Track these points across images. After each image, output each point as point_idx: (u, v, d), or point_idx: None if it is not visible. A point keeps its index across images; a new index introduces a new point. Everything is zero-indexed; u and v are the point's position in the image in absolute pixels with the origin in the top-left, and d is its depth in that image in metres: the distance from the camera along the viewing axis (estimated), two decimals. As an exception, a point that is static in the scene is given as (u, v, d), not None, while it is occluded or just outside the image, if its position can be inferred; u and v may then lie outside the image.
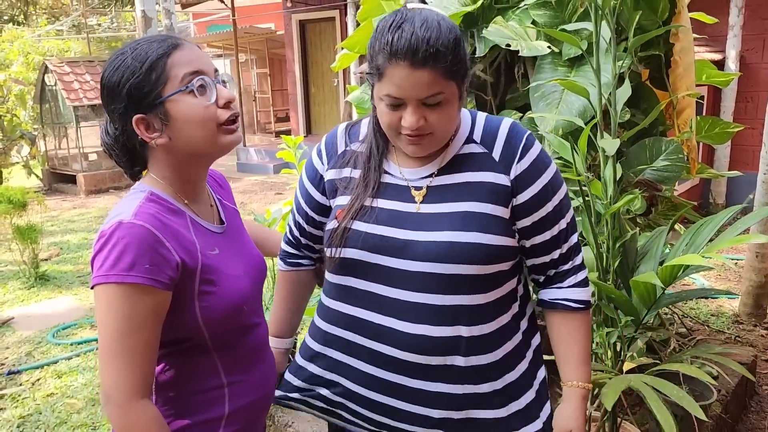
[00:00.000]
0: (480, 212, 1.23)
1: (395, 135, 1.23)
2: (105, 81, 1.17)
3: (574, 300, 1.33)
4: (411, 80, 1.14)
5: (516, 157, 1.26)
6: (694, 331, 3.57)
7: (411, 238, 1.24)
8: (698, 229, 1.89)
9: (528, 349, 1.36)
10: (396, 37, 1.13)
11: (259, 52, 14.09)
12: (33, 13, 14.55)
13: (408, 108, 1.17)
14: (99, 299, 1.09)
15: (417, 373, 1.26)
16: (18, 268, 5.64)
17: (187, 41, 1.21)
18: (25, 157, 11.87)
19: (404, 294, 1.24)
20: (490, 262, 1.24)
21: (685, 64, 2.36)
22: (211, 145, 1.19)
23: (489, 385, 1.28)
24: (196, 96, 1.16)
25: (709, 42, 6.34)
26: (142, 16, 4.84)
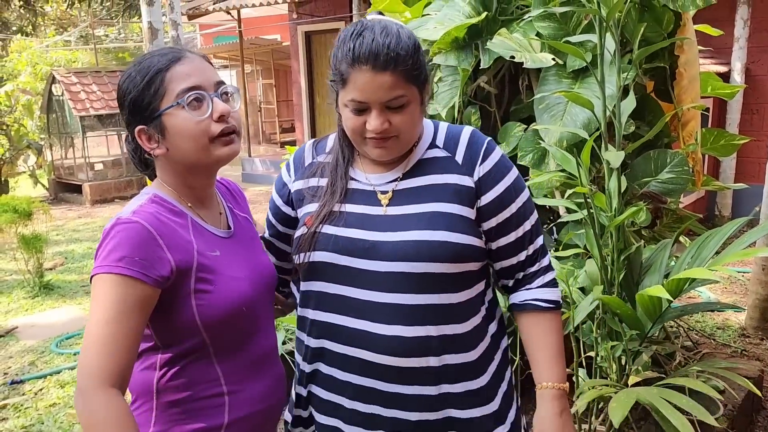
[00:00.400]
0: (446, 212, 1.26)
1: (360, 140, 1.26)
2: (117, 91, 1.25)
3: (543, 300, 1.35)
4: (374, 84, 1.18)
5: (479, 159, 1.29)
6: (700, 345, 3.54)
7: (379, 239, 1.26)
8: (704, 241, 1.88)
9: (497, 351, 1.37)
10: (357, 44, 1.18)
11: (264, 63, 14.16)
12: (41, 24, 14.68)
13: (372, 112, 1.21)
14: (92, 290, 1.13)
15: (392, 377, 1.27)
16: (23, 278, 5.65)
17: (191, 53, 1.24)
18: (31, 166, 11.94)
19: (375, 295, 1.26)
20: (458, 260, 1.25)
21: (690, 77, 2.36)
22: (205, 158, 1.22)
23: (462, 385, 1.29)
24: (190, 111, 1.19)
25: (715, 54, 6.34)
26: (148, 28, 4.87)
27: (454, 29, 2.20)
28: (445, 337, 1.27)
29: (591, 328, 2.01)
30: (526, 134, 2.27)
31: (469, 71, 2.26)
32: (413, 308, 1.25)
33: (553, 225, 2.45)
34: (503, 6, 2.35)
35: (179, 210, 1.24)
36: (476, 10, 2.27)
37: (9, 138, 11.06)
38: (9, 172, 11.30)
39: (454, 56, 2.28)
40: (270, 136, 14.58)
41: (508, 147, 2.31)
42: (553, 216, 2.48)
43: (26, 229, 5.46)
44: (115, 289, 1.10)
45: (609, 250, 1.90)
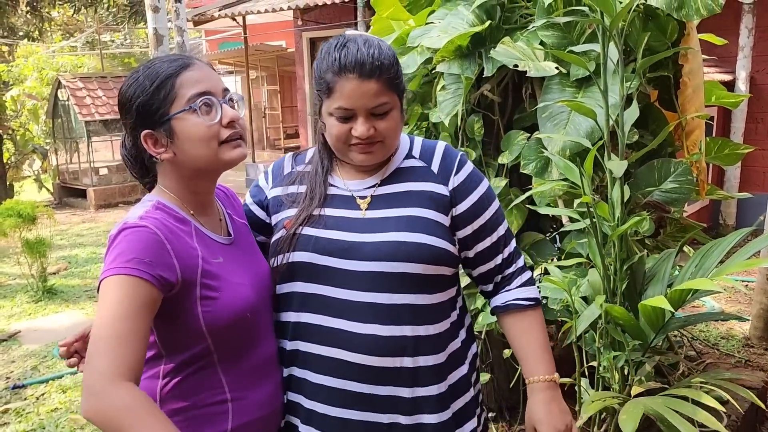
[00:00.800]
0: (423, 216, 1.32)
1: (345, 147, 1.31)
2: (120, 96, 1.25)
3: (524, 298, 1.41)
4: (360, 91, 1.25)
5: (453, 170, 1.37)
6: (704, 355, 3.52)
7: (358, 239, 1.30)
8: (707, 251, 1.87)
9: (467, 354, 1.42)
10: (342, 54, 1.25)
11: (269, 70, 14.20)
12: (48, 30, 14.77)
13: (359, 119, 1.27)
14: (101, 293, 1.11)
15: (367, 377, 1.29)
16: (26, 282, 5.66)
17: (199, 60, 1.27)
18: (36, 171, 11.99)
19: (353, 294, 1.29)
20: (433, 263, 1.31)
21: (694, 86, 2.36)
22: (214, 162, 1.24)
23: (436, 387, 1.33)
24: (201, 115, 1.21)
25: (719, 63, 6.33)
26: (153, 34, 4.90)
27: (458, 37, 2.20)
28: (419, 338, 1.31)
29: (594, 337, 2.00)
30: (529, 143, 2.26)
31: (473, 79, 2.26)
32: (389, 307, 1.28)
33: (555, 234, 2.45)
34: (507, 15, 2.35)
35: (182, 217, 1.25)
36: (480, 18, 2.27)
37: (14, 142, 11.12)
38: (14, 177, 11.36)
39: (457, 64, 2.28)
40: (274, 142, 14.61)
41: (511, 155, 2.30)
42: (556, 225, 2.48)
43: (30, 234, 5.47)
44: (124, 289, 1.09)
45: (612, 260, 1.89)
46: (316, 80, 1.31)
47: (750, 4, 6.07)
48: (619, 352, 1.88)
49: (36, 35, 12.77)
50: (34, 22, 12.23)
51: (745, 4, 6.07)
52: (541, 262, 2.38)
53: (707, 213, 6.55)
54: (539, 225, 2.47)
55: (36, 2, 11.40)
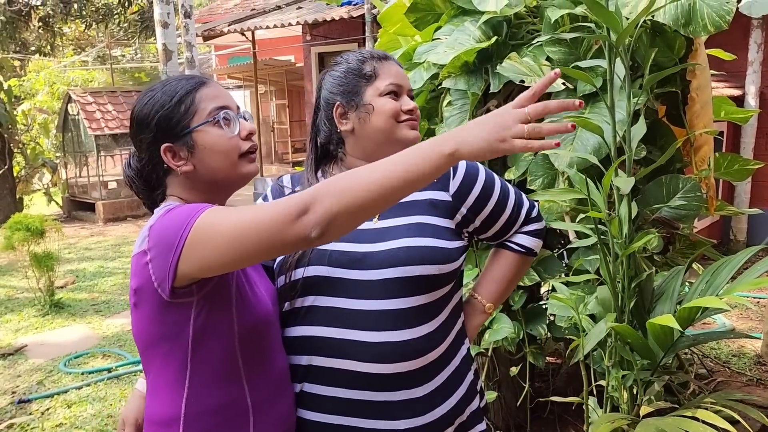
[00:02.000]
0: (429, 223, 1.37)
1: (395, 125, 1.38)
2: (136, 114, 1.27)
3: (517, 243, 1.52)
4: (402, 74, 1.42)
5: (451, 175, 1.43)
6: (715, 373, 3.48)
7: (370, 249, 1.33)
8: (717, 269, 1.85)
9: (461, 345, 1.46)
10: (371, 51, 1.43)
11: (278, 84, 14.27)
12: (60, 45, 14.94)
13: (404, 96, 1.40)
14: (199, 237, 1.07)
15: (381, 385, 1.30)
16: (33, 296, 5.67)
17: (212, 80, 1.31)
18: (46, 184, 12.06)
19: (366, 303, 1.31)
20: (446, 262, 1.35)
21: (702, 102, 2.34)
22: (232, 173, 1.27)
23: (435, 380, 1.35)
24: (222, 127, 1.25)
25: (729, 78, 6.31)
26: (163, 49, 4.93)
27: (464, 53, 2.20)
28: (429, 335, 1.34)
29: (602, 356, 1.97)
30: (536, 159, 2.25)
31: (479, 95, 2.25)
32: (404, 312, 1.31)
33: (563, 250, 2.42)
34: (513, 31, 2.35)
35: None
36: (486, 34, 2.27)
37: (25, 156, 11.20)
38: (24, 190, 11.43)
39: (463, 80, 2.27)
40: (282, 156, 14.66)
41: (518, 171, 2.29)
42: (563, 241, 2.46)
43: (38, 248, 5.49)
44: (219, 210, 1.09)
45: (620, 277, 1.87)
46: (348, 77, 1.41)
47: (759, 20, 6.06)
48: (627, 372, 1.85)
49: (48, 50, 12.92)
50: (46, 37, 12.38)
51: (754, 20, 6.05)
52: (548, 278, 2.36)
53: (718, 229, 6.50)
54: (547, 241, 2.45)
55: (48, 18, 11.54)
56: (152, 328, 1.21)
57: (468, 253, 2.36)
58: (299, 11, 10.22)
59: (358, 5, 8.75)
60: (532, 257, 1.56)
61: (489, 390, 2.54)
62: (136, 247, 1.19)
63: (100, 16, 12.46)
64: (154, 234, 1.14)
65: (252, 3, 13.48)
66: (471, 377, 1.46)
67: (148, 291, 1.16)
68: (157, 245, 1.13)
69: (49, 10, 11.27)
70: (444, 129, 2.31)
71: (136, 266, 1.18)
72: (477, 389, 1.48)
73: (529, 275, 2.33)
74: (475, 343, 2.52)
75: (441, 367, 1.37)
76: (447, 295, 1.40)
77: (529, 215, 1.53)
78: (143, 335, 1.23)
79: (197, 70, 5.70)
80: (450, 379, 1.38)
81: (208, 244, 1.07)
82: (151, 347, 1.23)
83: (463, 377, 1.43)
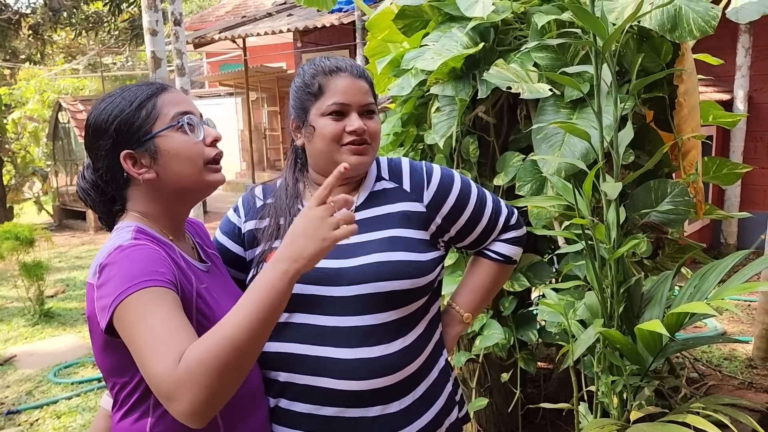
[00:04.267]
0: (402, 236, 1.33)
1: (337, 149, 1.32)
2: (92, 120, 1.20)
3: (495, 251, 1.50)
4: (354, 88, 1.31)
5: (425, 185, 1.39)
6: (706, 376, 3.48)
7: (344, 265, 1.30)
8: (705, 273, 1.84)
9: (439, 356, 1.44)
10: (327, 62, 1.33)
11: (269, 91, 14.27)
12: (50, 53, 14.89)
13: (352, 115, 1.31)
14: (125, 316, 1.01)
15: (356, 402, 1.28)
16: (23, 305, 5.63)
17: (173, 87, 1.27)
18: (36, 193, 11.99)
19: (341, 320, 1.28)
20: (419, 275, 1.32)
21: (689, 106, 2.35)
22: (198, 182, 1.22)
23: (412, 394, 1.33)
24: (186, 133, 1.19)
25: (717, 82, 6.35)
26: (152, 57, 4.92)
27: (452, 59, 2.20)
28: (405, 349, 1.31)
29: (592, 361, 1.96)
30: (524, 164, 2.25)
31: (467, 101, 2.25)
32: (378, 327, 1.28)
33: (553, 255, 2.42)
34: (501, 37, 2.35)
35: (165, 242, 1.21)
36: (474, 40, 2.27)
37: (15, 165, 11.13)
38: (14, 199, 11.36)
39: (451, 86, 2.27)
40: (274, 163, 14.63)
41: (507, 177, 2.29)
42: (553, 246, 2.46)
43: (28, 257, 5.45)
44: (153, 299, 1.01)
45: (609, 282, 1.86)
46: (298, 96, 1.35)
47: (746, 24, 6.10)
48: (617, 377, 1.85)
49: (38, 58, 12.87)
50: (37, 45, 12.34)
51: (741, 24, 6.10)
52: (538, 284, 2.35)
53: (708, 232, 6.52)
54: (536, 246, 2.45)
55: (38, 26, 11.50)
56: (107, 357, 1.16)
57: (457, 260, 2.36)
58: (290, 18, 10.23)
59: (349, 12, 8.76)
60: (512, 265, 1.54)
61: (480, 396, 2.53)
62: (90, 275, 1.13)
63: (90, 24, 12.43)
64: (102, 276, 1.07)
65: (243, 10, 13.50)
66: (449, 389, 1.44)
67: (96, 322, 1.10)
68: (101, 287, 1.07)
69: (38, 18, 11.22)
70: (432, 135, 2.30)
71: (89, 294, 1.12)
72: (456, 400, 1.46)
73: (518, 281, 2.32)
74: (466, 350, 2.51)
75: (418, 380, 1.35)
76: (423, 307, 1.37)
77: (508, 222, 1.50)
78: (101, 362, 1.19)
79: (188, 78, 5.69)
80: (428, 393, 1.37)
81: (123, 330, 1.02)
82: (111, 374, 1.18)
83: (441, 389, 1.41)
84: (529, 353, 2.49)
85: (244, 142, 13.69)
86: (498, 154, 2.41)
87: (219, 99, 15.30)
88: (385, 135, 2.59)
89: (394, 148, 2.65)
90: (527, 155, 2.27)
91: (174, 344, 0.96)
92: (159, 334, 0.98)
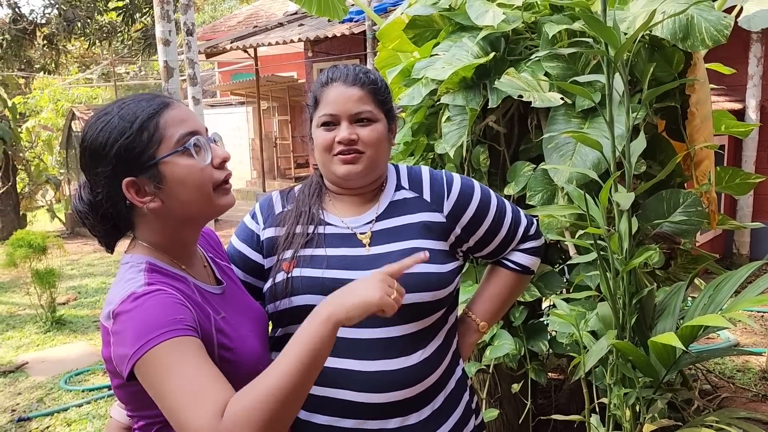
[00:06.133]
0: (424, 247, 1.32)
1: (329, 158, 1.32)
2: (88, 142, 1.09)
3: (513, 261, 1.49)
4: (344, 96, 1.30)
5: (445, 195, 1.39)
6: (719, 388, 3.44)
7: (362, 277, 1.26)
8: (719, 285, 1.82)
9: (456, 366, 1.43)
10: (331, 71, 1.34)
11: (280, 100, 14.33)
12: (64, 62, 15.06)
13: (342, 124, 1.30)
14: (148, 371, 0.96)
15: (375, 414, 1.27)
16: (35, 312, 5.66)
17: (176, 100, 1.16)
18: (49, 200, 12.08)
19: (362, 332, 1.27)
20: (441, 287, 1.31)
21: (702, 116, 2.33)
22: (207, 207, 1.14)
23: (430, 406, 1.32)
24: (193, 156, 1.10)
25: (729, 92, 6.31)
26: (164, 66, 4.96)
27: (462, 69, 2.20)
28: (423, 361, 1.30)
29: (604, 372, 1.95)
30: (535, 174, 2.24)
31: (477, 111, 2.25)
32: (399, 339, 1.28)
33: (564, 265, 2.41)
34: (511, 46, 2.35)
35: (178, 276, 1.13)
36: (484, 50, 2.27)
37: (28, 173, 11.23)
38: (27, 207, 11.45)
39: (462, 96, 2.27)
40: (285, 172, 14.68)
41: (517, 186, 2.28)
42: (564, 256, 2.44)
43: (40, 264, 5.49)
44: (180, 348, 0.96)
45: (621, 293, 1.85)
46: (310, 104, 1.37)
47: (758, 33, 6.07)
48: (629, 389, 1.83)
49: (52, 68, 13.02)
50: (51, 55, 12.48)
51: (753, 33, 6.07)
52: (549, 294, 2.34)
53: (721, 242, 6.46)
54: (547, 256, 2.44)
55: (53, 36, 11.63)
56: (129, 397, 1.11)
57: (468, 269, 2.35)
58: (301, 28, 10.29)
59: (359, 22, 8.80)
60: (529, 276, 1.53)
61: (490, 407, 2.52)
62: (102, 315, 1.06)
63: (104, 34, 12.56)
64: (118, 324, 1.00)
65: (255, 20, 13.59)
66: (467, 398, 1.43)
67: (113, 364, 1.04)
68: (117, 335, 1.00)
69: (53, 29, 11.36)
70: (443, 144, 2.30)
71: (104, 336, 1.06)
72: (472, 408, 1.45)
73: (529, 291, 2.31)
74: (476, 360, 2.50)
75: (437, 392, 1.34)
76: (442, 318, 1.37)
77: (527, 233, 1.50)
78: (123, 401, 1.14)
79: (200, 87, 5.73)
80: (446, 403, 1.36)
81: (149, 385, 0.97)
82: (131, 409, 1.13)
83: (458, 400, 1.40)
84: (539, 364, 2.48)
85: (254, 150, 13.75)
86: (508, 164, 2.40)
87: (230, 108, 15.39)
88: (395, 144, 2.59)
89: (404, 158, 2.65)
90: (538, 165, 2.26)
91: (210, 397, 0.92)
92: (192, 389, 0.93)
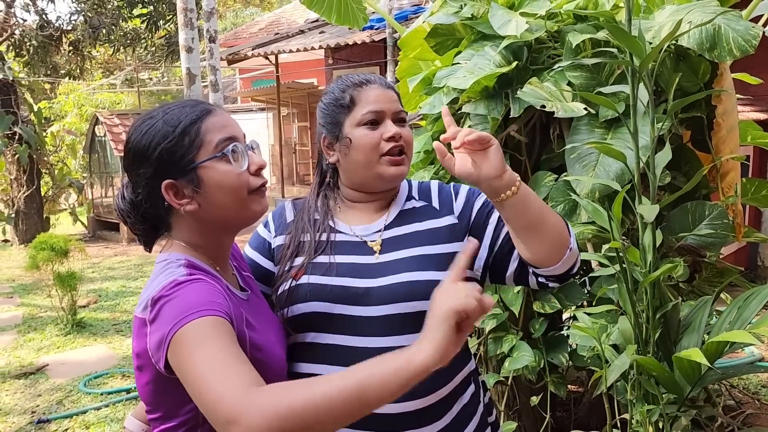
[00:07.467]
0: (434, 253, 1.31)
1: (376, 160, 1.32)
2: (132, 144, 1.14)
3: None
4: (385, 96, 1.33)
5: (453, 197, 1.40)
6: (744, 404, 3.36)
7: (372, 285, 1.28)
8: (746, 300, 1.79)
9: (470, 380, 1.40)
10: (355, 77, 1.36)
11: (300, 107, 14.41)
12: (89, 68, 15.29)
13: (386, 122, 1.32)
14: (182, 345, 0.97)
15: (387, 425, 1.26)
16: (57, 315, 5.72)
17: (217, 107, 1.20)
18: (72, 204, 12.25)
19: (370, 341, 1.26)
20: None
21: (728, 127, 2.29)
22: (242, 212, 1.16)
23: (444, 419, 1.30)
24: (230, 162, 1.13)
25: (755, 102, 6.21)
26: (187, 73, 5.01)
27: (484, 78, 2.19)
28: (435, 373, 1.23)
29: (625, 387, 1.91)
30: (557, 184, 2.22)
31: (499, 120, 2.24)
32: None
33: (585, 278, 2.38)
34: (534, 56, 2.33)
35: (214, 275, 1.15)
36: (507, 59, 2.26)
37: (52, 177, 11.40)
38: (51, 210, 11.62)
39: (483, 105, 2.25)
40: (303, 177, 14.74)
41: (539, 197, 2.25)
42: (585, 268, 2.41)
43: (62, 267, 5.55)
44: (211, 326, 0.97)
45: (644, 307, 1.82)
46: (329, 108, 1.36)
47: (785, 42, 5.97)
48: (653, 406, 1.79)
49: (77, 73, 13.18)
50: (76, 60, 12.64)
51: (780, 42, 5.97)
52: (569, 306, 2.31)
53: (745, 254, 6.35)
54: (568, 268, 2.40)
55: (78, 42, 11.80)
56: (157, 397, 1.11)
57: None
58: (322, 35, 10.34)
59: (380, 29, 8.82)
60: None
61: (509, 420, 2.49)
62: (138, 309, 1.08)
63: (128, 41, 12.71)
64: (156, 309, 1.03)
65: (276, 27, 13.70)
66: (481, 409, 1.41)
67: (147, 358, 1.05)
68: (155, 320, 1.02)
69: (79, 35, 11.53)
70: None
71: (137, 330, 1.07)
72: (489, 422, 1.43)
73: (549, 302, 2.28)
74: (495, 372, 2.47)
75: (450, 404, 1.32)
76: None
77: None
78: (149, 401, 1.13)
79: (221, 93, 5.77)
80: (459, 417, 1.34)
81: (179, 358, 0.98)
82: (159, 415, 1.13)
83: (473, 414, 1.37)
84: (559, 376, 2.44)
85: (274, 156, 13.82)
86: (530, 174, 2.38)
87: (251, 114, 15.50)
88: (416, 153, 2.58)
89: (424, 166, 2.64)
90: (560, 175, 2.24)
91: (239, 370, 0.92)
92: (222, 359, 0.94)
